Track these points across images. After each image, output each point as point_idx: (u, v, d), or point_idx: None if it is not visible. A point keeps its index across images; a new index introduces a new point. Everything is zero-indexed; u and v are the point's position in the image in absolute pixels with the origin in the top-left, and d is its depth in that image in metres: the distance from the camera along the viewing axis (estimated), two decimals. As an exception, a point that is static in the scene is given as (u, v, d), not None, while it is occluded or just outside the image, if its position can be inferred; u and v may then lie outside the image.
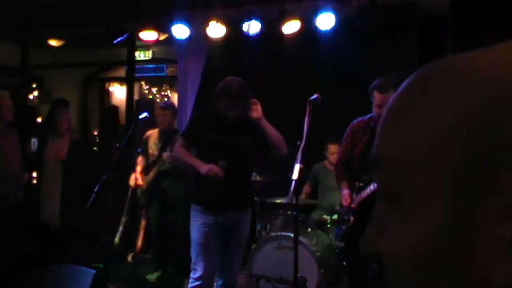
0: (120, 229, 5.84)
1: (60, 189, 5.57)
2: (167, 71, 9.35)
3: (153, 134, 5.33)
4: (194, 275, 3.55)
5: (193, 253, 3.56)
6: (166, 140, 5.20)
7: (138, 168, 5.22)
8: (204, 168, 3.42)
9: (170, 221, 5.31)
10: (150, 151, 5.29)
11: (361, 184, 3.77)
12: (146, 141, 5.33)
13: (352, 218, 3.75)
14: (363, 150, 3.74)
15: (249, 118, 3.60)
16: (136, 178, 5.14)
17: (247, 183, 3.70)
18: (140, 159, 5.30)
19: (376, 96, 3.58)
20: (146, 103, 9.32)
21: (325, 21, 5.26)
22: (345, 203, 3.81)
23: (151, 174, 5.20)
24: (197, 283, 3.52)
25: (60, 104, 6.67)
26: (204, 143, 3.59)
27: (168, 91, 10.23)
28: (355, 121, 3.81)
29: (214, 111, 3.60)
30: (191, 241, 3.60)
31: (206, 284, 3.54)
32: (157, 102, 5.31)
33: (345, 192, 3.83)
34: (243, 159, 3.58)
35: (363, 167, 3.74)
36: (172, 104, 5.30)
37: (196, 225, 3.57)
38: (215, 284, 3.76)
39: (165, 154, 4.97)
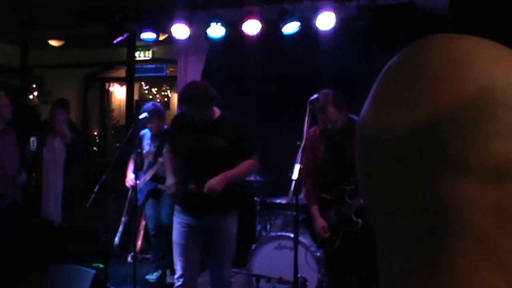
0: (120, 229, 5.85)
1: (61, 187, 5.58)
2: (167, 71, 9.35)
3: (146, 134, 5.36)
4: (176, 275, 3.58)
5: (173, 253, 3.59)
6: (159, 142, 5.22)
7: (131, 168, 5.21)
8: (169, 182, 3.61)
9: (164, 222, 5.29)
10: (144, 151, 5.31)
11: (328, 197, 3.80)
12: (140, 141, 5.35)
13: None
14: (324, 159, 3.77)
15: (224, 120, 3.55)
16: (132, 178, 5.14)
17: (226, 186, 3.51)
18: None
19: (319, 115, 3.62)
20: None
21: (325, 21, 5.26)
22: (324, 234, 3.75)
23: (147, 176, 5.21)
24: (178, 283, 3.55)
25: (58, 104, 6.68)
26: (178, 146, 3.60)
27: (168, 91, 10.23)
28: (311, 131, 3.74)
29: (185, 114, 3.59)
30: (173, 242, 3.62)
31: (187, 283, 3.54)
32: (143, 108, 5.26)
33: (321, 224, 3.76)
34: (217, 162, 3.46)
35: (326, 176, 3.77)
36: (155, 110, 5.20)
37: (175, 225, 3.59)
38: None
39: (162, 160, 5.00)
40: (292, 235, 3.86)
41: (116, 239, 5.85)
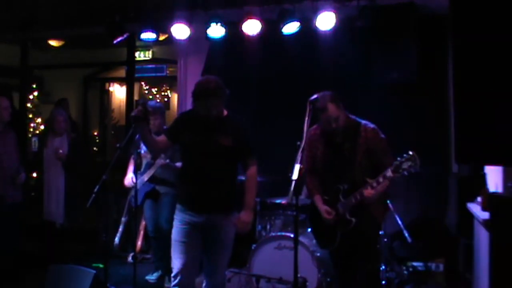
0: (120, 229, 5.84)
1: (63, 187, 5.57)
2: (167, 71, 9.36)
3: None
4: (173, 273, 3.57)
5: (172, 251, 3.58)
6: None
7: (131, 168, 5.21)
8: None
9: (163, 227, 5.29)
10: (142, 151, 5.29)
11: (326, 198, 3.79)
12: (139, 140, 5.32)
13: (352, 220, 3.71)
14: (322, 159, 3.77)
15: (230, 119, 3.59)
16: (131, 177, 5.13)
17: (229, 185, 3.58)
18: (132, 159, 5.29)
19: (321, 116, 3.66)
20: (146, 103, 9.31)
21: (325, 21, 5.26)
22: (328, 216, 3.76)
23: (145, 177, 5.19)
24: (175, 281, 3.53)
25: (58, 104, 6.70)
26: (183, 143, 3.62)
27: (168, 91, 10.24)
28: (311, 129, 3.77)
29: (193, 111, 3.61)
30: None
31: (184, 282, 3.51)
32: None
33: (324, 208, 3.76)
34: (222, 160, 3.51)
35: (325, 177, 3.77)
36: (159, 107, 5.24)
37: (176, 224, 3.59)
38: (203, 285, 3.74)
39: (160, 162, 4.99)
40: (292, 235, 3.86)
41: (116, 239, 5.84)
